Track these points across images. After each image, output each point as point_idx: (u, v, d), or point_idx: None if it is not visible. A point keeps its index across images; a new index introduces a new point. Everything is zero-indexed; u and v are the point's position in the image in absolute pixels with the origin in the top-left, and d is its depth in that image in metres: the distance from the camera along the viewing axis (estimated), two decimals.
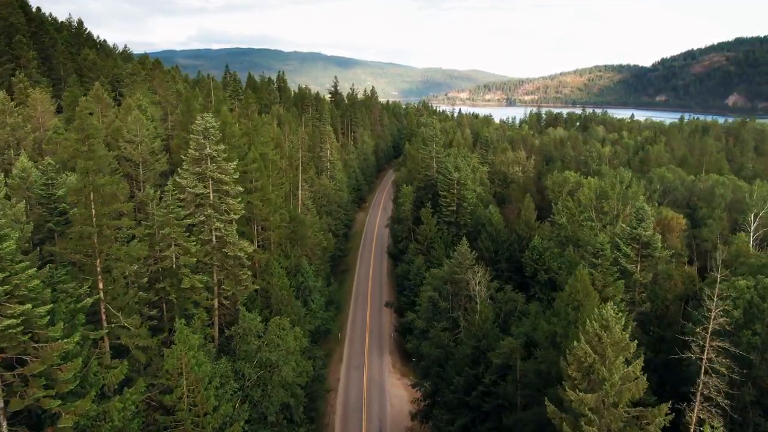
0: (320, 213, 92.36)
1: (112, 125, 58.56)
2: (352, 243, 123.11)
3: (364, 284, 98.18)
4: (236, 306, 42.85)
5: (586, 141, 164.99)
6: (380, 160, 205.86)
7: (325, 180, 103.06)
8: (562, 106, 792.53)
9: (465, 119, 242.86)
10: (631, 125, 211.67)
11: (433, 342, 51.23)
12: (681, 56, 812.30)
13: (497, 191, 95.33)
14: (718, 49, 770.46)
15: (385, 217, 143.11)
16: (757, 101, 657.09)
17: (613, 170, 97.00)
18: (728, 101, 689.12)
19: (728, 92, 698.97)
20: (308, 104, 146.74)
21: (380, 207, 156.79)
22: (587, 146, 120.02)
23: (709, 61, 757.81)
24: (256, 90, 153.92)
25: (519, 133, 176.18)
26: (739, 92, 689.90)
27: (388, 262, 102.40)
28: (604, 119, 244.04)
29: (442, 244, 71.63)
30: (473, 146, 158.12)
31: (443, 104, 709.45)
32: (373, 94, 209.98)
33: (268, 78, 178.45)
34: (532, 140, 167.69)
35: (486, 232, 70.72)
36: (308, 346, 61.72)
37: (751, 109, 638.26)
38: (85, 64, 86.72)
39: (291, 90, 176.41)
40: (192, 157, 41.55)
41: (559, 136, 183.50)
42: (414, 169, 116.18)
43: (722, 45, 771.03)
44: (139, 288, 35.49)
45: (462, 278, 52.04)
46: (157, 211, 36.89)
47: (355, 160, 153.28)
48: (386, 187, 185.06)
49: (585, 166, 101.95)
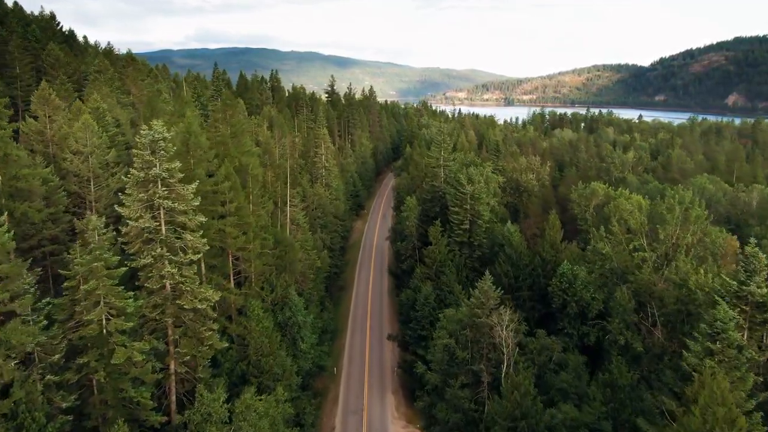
0: (314, 227, 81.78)
1: (59, 132, 47.89)
2: (350, 255, 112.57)
3: (363, 306, 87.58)
4: (197, 374, 32.26)
5: (597, 143, 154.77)
6: (379, 162, 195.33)
7: (319, 189, 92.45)
8: (561, 105, 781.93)
9: (467, 120, 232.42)
10: (641, 126, 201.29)
11: (450, 404, 40.83)
12: (680, 56, 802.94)
13: (509, 201, 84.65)
14: (717, 48, 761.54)
15: (385, 227, 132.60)
16: (757, 101, 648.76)
17: (637, 178, 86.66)
18: (728, 101, 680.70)
19: (728, 92, 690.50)
20: (302, 105, 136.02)
21: (379, 214, 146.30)
22: (609, 151, 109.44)
23: (708, 60, 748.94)
24: (247, 90, 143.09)
25: (525, 135, 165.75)
26: (738, 92, 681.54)
27: (389, 279, 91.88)
28: (611, 120, 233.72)
29: (454, 268, 61.17)
30: (478, 150, 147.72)
31: (441, 104, 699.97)
32: (371, 94, 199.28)
33: (260, 77, 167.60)
34: (540, 143, 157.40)
35: (504, 254, 60.30)
36: (297, 394, 51.29)
37: (751, 109, 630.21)
38: (48, 60, 75.99)
39: (285, 90, 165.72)
40: (136, 179, 30.99)
41: (568, 139, 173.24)
42: (417, 177, 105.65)
43: (721, 44, 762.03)
44: (49, 368, 24.93)
45: (485, 322, 41.65)
46: (79, 258, 26.35)
47: (352, 165, 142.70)
48: (386, 192, 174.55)
49: (606, 174, 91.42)
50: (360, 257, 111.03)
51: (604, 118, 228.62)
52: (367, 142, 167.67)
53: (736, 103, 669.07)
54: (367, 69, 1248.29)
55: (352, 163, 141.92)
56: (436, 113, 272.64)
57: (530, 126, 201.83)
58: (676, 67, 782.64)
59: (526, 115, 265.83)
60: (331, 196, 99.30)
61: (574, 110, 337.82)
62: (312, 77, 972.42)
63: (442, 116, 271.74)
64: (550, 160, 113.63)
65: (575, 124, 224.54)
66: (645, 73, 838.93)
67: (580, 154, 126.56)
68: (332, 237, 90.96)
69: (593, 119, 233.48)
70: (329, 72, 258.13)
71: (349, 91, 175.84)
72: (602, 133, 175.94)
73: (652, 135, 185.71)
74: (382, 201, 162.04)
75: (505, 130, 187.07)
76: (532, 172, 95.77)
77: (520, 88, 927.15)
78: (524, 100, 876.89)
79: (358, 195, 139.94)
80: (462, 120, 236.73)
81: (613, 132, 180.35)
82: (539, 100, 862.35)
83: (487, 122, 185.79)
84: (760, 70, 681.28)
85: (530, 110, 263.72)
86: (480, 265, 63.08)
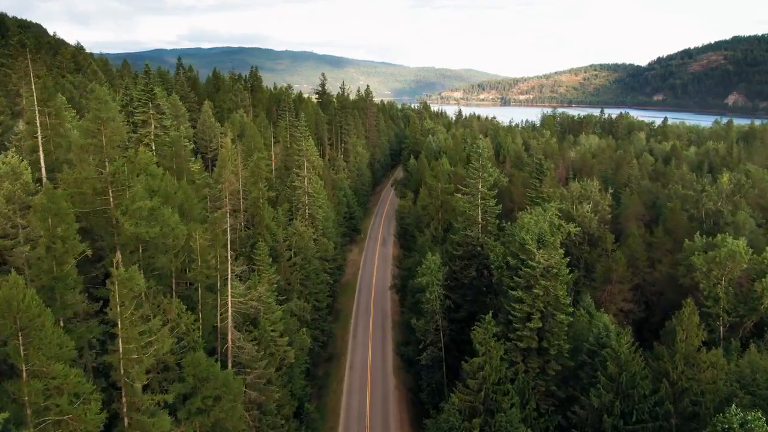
0: (291, 294, 55.06)
1: None
2: (343, 301, 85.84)
3: (361, 392, 60.99)
4: None
5: (638, 154, 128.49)
6: (377, 172, 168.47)
7: (299, 226, 65.77)
8: (558, 105, 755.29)
9: (474, 123, 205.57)
10: (674, 130, 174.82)
11: None
12: (678, 55, 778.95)
13: (569, 251, 57.45)
14: (715, 47, 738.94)
15: (385, 257, 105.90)
16: (758, 100, 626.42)
17: (750, 215, 60.14)
18: (728, 100, 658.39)
19: (727, 91, 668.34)
20: (285, 109, 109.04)
21: (378, 238, 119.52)
22: (690, 177, 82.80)
23: (707, 59, 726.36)
24: (219, 90, 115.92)
25: (548, 142, 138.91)
26: (738, 91, 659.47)
27: (394, 357, 65.32)
28: (632, 122, 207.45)
29: (517, 396, 34.90)
30: (498, 162, 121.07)
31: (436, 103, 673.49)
32: (367, 94, 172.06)
33: (238, 75, 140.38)
34: (567, 153, 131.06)
35: (605, 374, 34.23)
36: None
37: (752, 109, 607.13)
38: None
39: (269, 90, 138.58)
40: None
41: (595, 146, 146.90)
42: (431, 206, 79.11)
43: (719, 44, 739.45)
44: None
45: None
46: None
47: (346, 180, 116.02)
48: (385, 208, 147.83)
49: (694, 206, 64.90)
50: (355, 308, 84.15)
51: (625, 119, 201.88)
52: (363, 150, 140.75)
53: (737, 103, 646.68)
54: (362, 68, 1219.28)
55: (346, 178, 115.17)
56: (438, 115, 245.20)
57: (546, 130, 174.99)
58: (674, 67, 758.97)
59: (538, 116, 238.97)
60: (316, 233, 72.67)
61: (571, 110, 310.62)
62: (306, 77, 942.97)
63: (443, 118, 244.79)
64: (596, 178, 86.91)
65: (588, 127, 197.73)
66: (642, 72, 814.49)
67: (630, 171, 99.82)
68: (317, 295, 64.34)
69: (611, 122, 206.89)
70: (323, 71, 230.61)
71: (342, 91, 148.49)
72: (635, 139, 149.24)
73: (694, 142, 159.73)
74: (381, 220, 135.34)
75: (523, 136, 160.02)
76: (588, 200, 69.31)
77: (517, 88, 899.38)
78: (521, 100, 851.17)
79: (352, 217, 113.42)
80: (469, 123, 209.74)
81: (646, 137, 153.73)
82: (536, 100, 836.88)
83: (504, 128, 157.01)
84: (759, 69, 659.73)
85: (543, 111, 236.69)
86: (558, 387, 36.77)
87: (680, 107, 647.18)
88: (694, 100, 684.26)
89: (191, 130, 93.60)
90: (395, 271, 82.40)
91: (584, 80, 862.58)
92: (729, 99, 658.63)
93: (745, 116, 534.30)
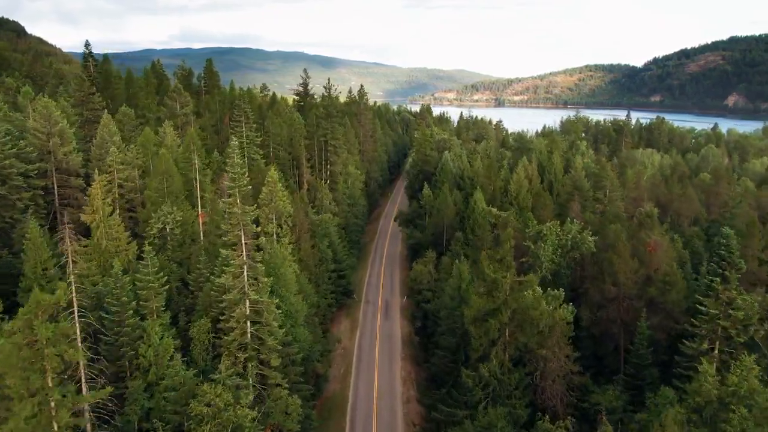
0: None
1: None
2: None
3: None
4: None
5: (728, 178, 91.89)
6: (373, 194, 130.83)
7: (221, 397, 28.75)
8: (553, 106, 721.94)
9: (489, 130, 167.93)
10: (739, 140, 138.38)
11: None
12: (675, 55, 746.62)
13: None
14: (713, 48, 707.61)
15: (391, 346, 67.74)
16: (759, 102, 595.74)
17: None
18: (728, 101, 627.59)
19: (727, 92, 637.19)
20: (240, 117, 71.02)
21: (379, 305, 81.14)
22: None
23: (705, 60, 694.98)
24: (139, 90, 77.62)
25: (599, 163, 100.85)
26: (739, 92, 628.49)
27: None
28: (673, 130, 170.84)
29: None
30: (548, 191, 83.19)
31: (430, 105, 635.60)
32: (361, 96, 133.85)
33: (188, 71, 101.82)
34: (630, 178, 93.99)
35: None
36: None
37: (753, 110, 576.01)
38: None
39: (226, 90, 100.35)
40: None
41: (657, 164, 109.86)
42: (487, 306, 41.52)
43: (717, 44, 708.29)
44: None
45: None
46: None
47: (332, 220, 78.31)
48: (385, 243, 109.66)
49: None
50: None
51: (667, 126, 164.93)
52: (357, 170, 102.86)
53: (737, 104, 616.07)
54: (354, 69, 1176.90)
55: (331, 219, 77.21)
56: (442, 119, 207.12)
57: (581, 142, 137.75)
58: (671, 67, 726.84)
59: (555, 122, 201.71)
60: (276, 342, 35.21)
61: (567, 111, 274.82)
62: (297, 77, 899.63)
63: (448, 123, 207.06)
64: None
65: (630, 135, 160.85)
66: (639, 73, 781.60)
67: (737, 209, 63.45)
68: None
69: (648, 128, 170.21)
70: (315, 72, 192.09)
71: (329, 92, 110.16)
72: (710, 154, 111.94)
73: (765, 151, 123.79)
74: (380, 266, 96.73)
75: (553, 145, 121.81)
76: None
77: (511, 89, 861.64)
78: (515, 101, 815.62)
79: (342, 275, 75.86)
80: (484, 127, 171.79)
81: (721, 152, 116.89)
82: (531, 101, 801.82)
83: (549, 143, 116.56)
84: (759, 70, 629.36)
85: (566, 113, 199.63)
86: None
87: (678, 108, 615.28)
88: (692, 101, 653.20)
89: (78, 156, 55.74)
90: (414, 394, 45.24)
91: (579, 81, 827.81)
92: (729, 100, 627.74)
93: (747, 118, 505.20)
